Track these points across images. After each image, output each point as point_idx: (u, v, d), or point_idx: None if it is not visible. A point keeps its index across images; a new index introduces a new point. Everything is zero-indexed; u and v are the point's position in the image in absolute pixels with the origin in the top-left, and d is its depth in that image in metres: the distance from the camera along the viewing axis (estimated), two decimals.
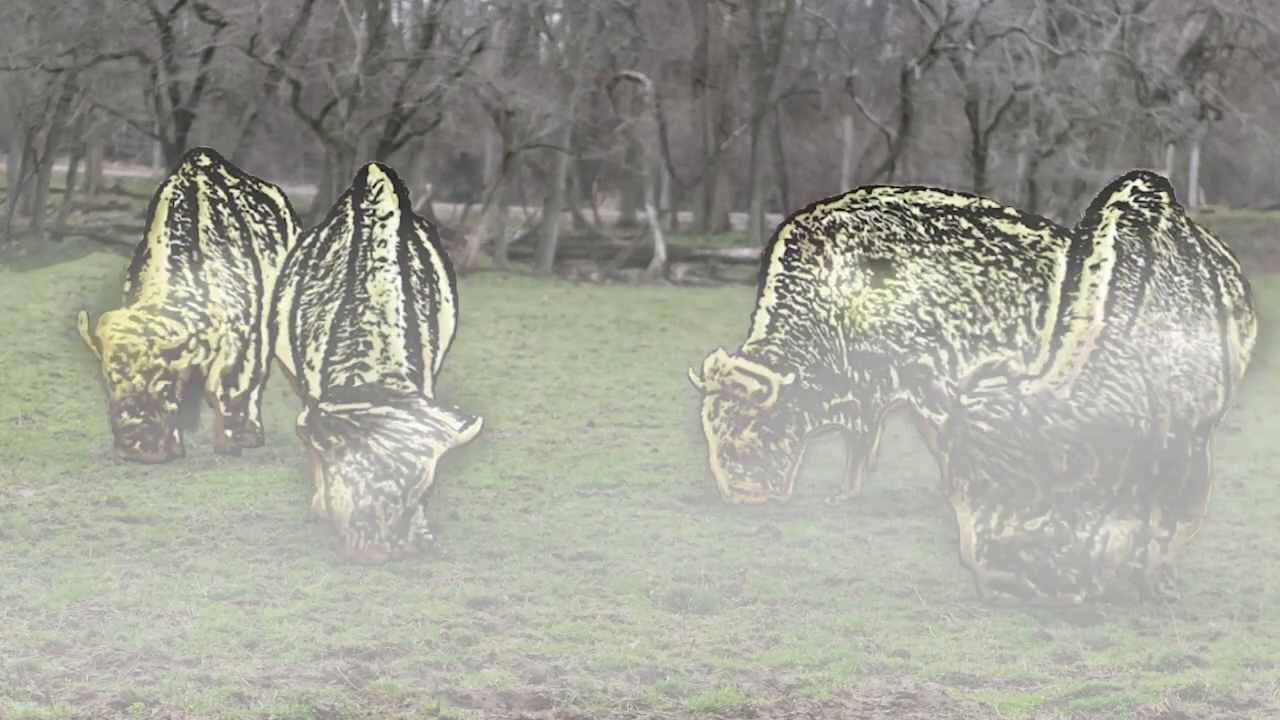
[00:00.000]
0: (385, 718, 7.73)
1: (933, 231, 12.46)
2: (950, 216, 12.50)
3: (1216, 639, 9.18)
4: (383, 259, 11.26)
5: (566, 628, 9.14)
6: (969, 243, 12.42)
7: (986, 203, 12.63)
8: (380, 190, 11.60)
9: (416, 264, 11.46)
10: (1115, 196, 10.02)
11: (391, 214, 11.48)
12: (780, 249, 12.66)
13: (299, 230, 14.65)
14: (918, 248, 12.45)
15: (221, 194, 14.46)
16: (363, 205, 11.53)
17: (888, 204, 12.61)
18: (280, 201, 14.85)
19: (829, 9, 43.04)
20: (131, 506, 11.94)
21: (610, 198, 45.36)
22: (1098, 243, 9.88)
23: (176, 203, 14.30)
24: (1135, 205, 9.98)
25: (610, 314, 27.66)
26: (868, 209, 12.60)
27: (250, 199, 14.62)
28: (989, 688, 8.33)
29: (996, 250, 12.38)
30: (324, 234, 11.64)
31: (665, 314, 28.02)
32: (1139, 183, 10.09)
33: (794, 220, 12.77)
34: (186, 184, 14.39)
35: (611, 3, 37.24)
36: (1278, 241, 37.59)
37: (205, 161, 14.59)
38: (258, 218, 14.59)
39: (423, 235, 11.73)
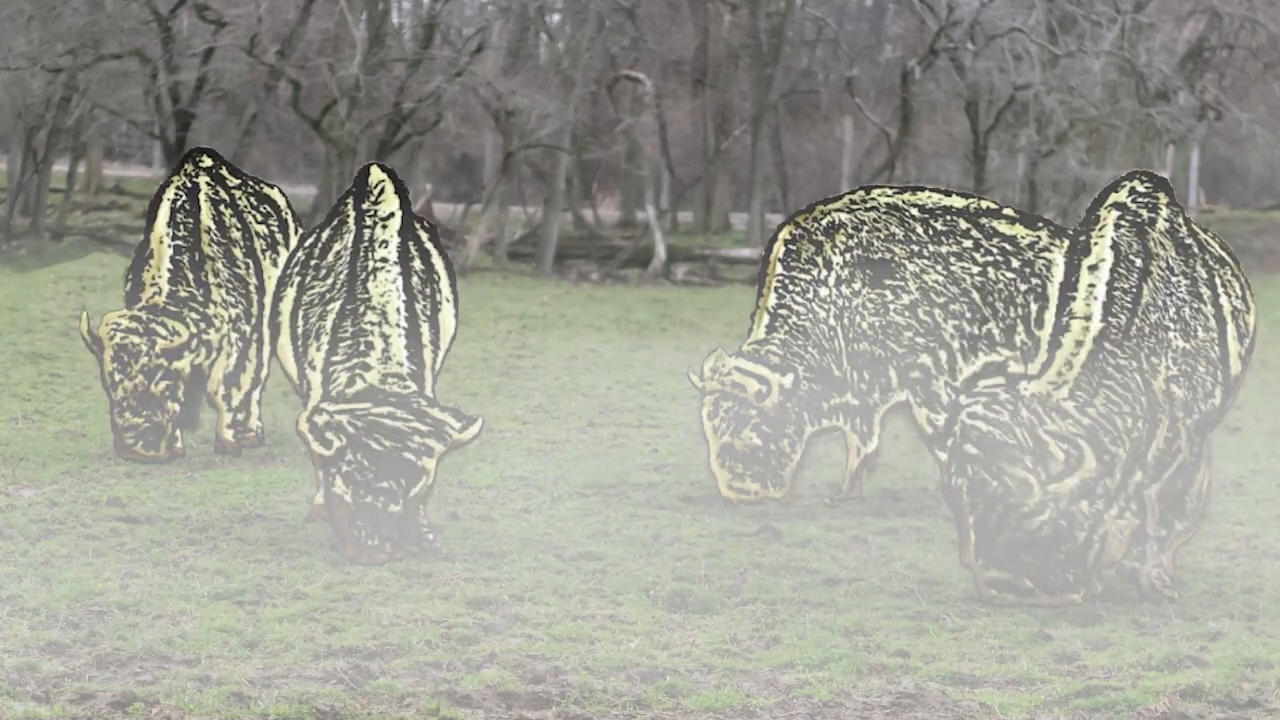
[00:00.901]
0: (385, 718, 7.74)
1: (931, 232, 12.46)
2: (949, 217, 12.50)
3: (1216, 639, 9.19)
4: (384, 259, 11.27)
5: (566, 628, 9.15)
6: (968, 243, 12.42)
7: (985, 203, 12.63)
8: (381, 191, 11.60)
9: (417, 264, 11.47)
10: (1113, 197, 10.03)
11: (393, 214, 11.49)
12: (780, 249, 12.67)
13: (300, 231, 14.67)
14: (916, 248, 12.45)
15: (223, 194, 14.47)
16: (364, 206, 11.54)
17: (887, 205, 12.61)
18: (282, 202, 14.86)
19: (829, 9, 43.04)
20: (131, 506, 11.95)
21: (610, 198, 45.34)
22: (1095, 243, 9.89)
23: (178, 203, 14.30)
24: (1133, 206, 9.99)
25: (610, 314, 27.66)
26: (867, 210, 12.61)
27: (252, 199, 14.63)
28: (989, 688, 8.34)
29: (995, 251, 12.38)
30: (325, 234, 11.64)
31: (665, 314, 28.03)
32: (1137, 183, 10.10)
33: (793, 221, 12.78)
34: (188, 184, 14.39)
35: (611, 3, 37.23)
36: (1278, 241, 37.59)
37: (207, 162, 14.59)
38: (259, 218, 14.60)
39: (423, 235, 11.74)
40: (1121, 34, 35.07)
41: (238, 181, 14.65)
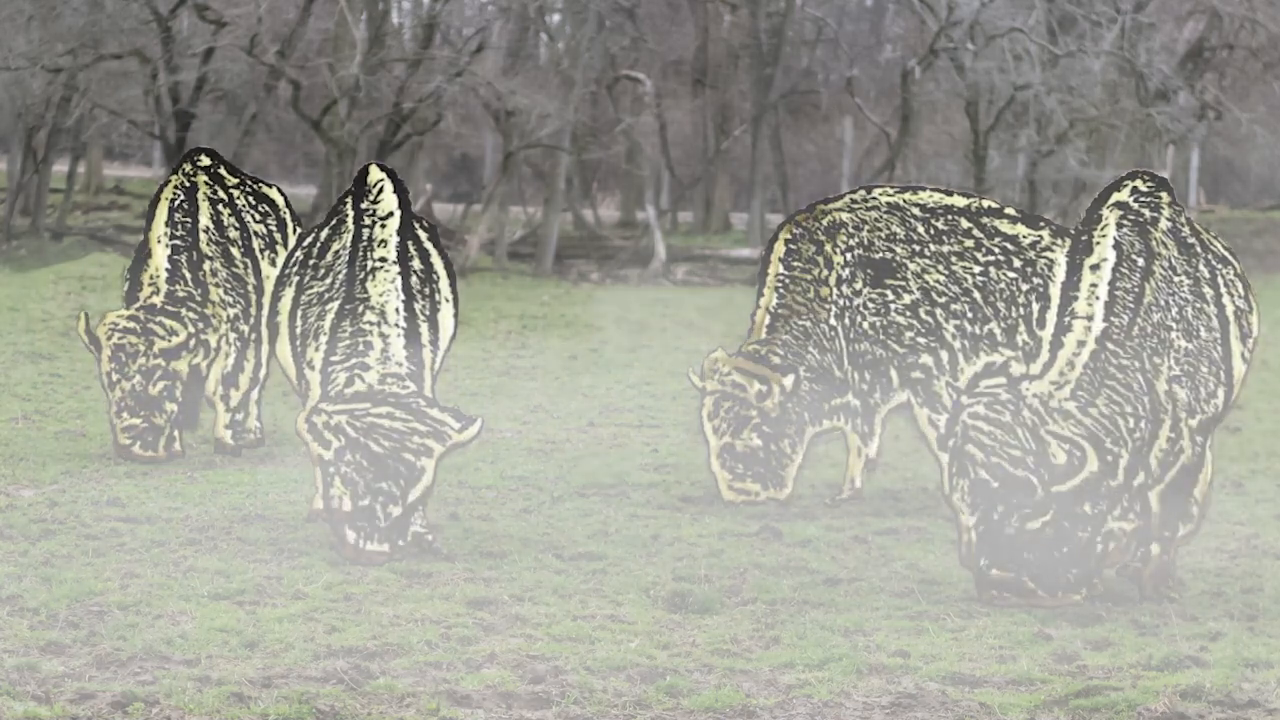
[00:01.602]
0: (385, 718, 7.73)
1: (933, 231, 12.46)
2: (950, 216, 12.49)
3: (1216, 639, 9.18)
4: (383, 259, 11.26)
5: (566, 628, 9.14)
6: (969, 243, 12.41)
7: (986, 203, 12.62)
8: (380, 190, 11.59)
9: (417, 264, 11.46)
10: (1115, 196, 10.02)
11: (392, 214, 11.47)
12: (780, 249, 12.67)
13: (299, 230, 14.65)
14: (918, 248, 12.45)
15: (222, 194, 14.46)
16: (363, 205, 11.53)
17: (888, 204, 12.60)
18: (280, 201, 14.85)
19: (829, 9, 43.05)
20: (131, 506, 11.94)
21: (610, 198, 45.35)
22: (1098, 243, 9.88)
23: (176, 203, 14.29)
24: (1135, 205, 9.98)
25: (610, 314, 27.66)
26: (868, 209, 12.60)
27: (250, 199, 14.62)
28: (989, 688, 8.33)
29: (996, 250, 12.37)
30: (324, 234, 11.63)
31: (665, 314, 28.02)
32: (1139, 183, 10.09)
33: (794, 220, 12.78)
34: (186, 184, 14.38)
35: (611, 3, 37.23)
36: (1278, 241, 37.59)
37: (205, 161, 14.58)
38: (258, 218, 14.59)
39: (423, 235, 11.72)
40: (1121, 34, 35.07)
41: (236, 181, 14.63)
